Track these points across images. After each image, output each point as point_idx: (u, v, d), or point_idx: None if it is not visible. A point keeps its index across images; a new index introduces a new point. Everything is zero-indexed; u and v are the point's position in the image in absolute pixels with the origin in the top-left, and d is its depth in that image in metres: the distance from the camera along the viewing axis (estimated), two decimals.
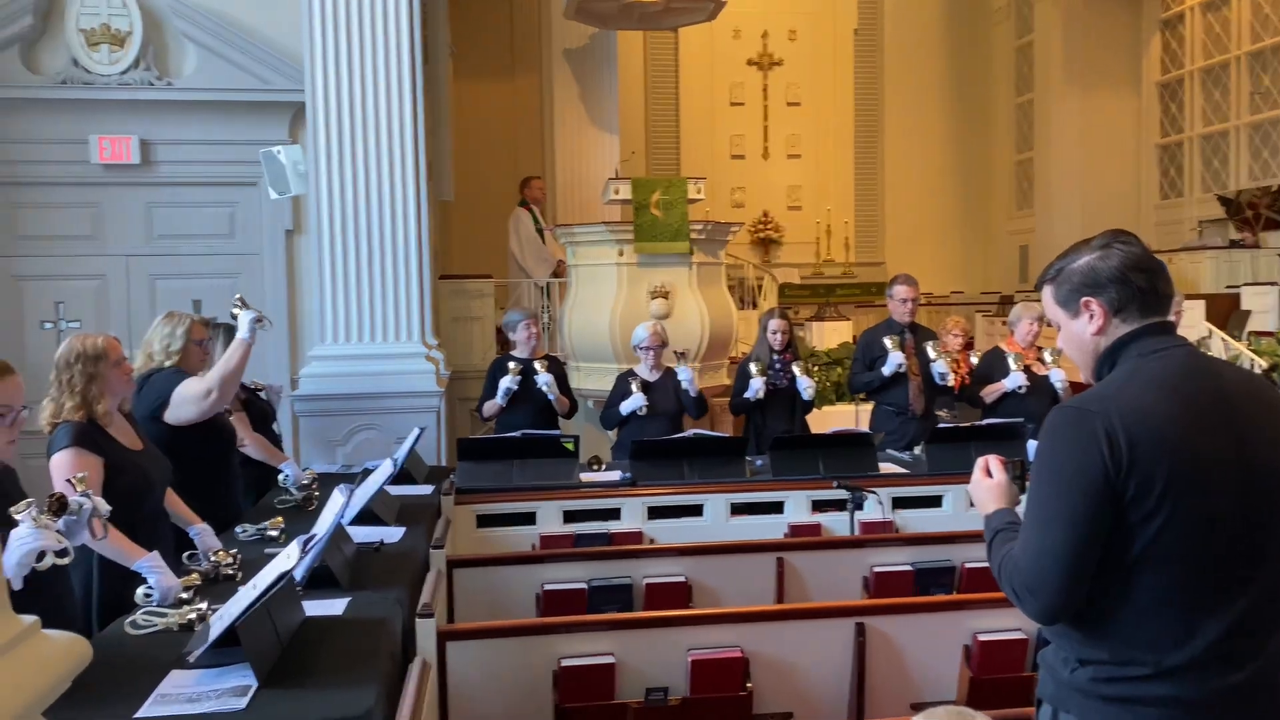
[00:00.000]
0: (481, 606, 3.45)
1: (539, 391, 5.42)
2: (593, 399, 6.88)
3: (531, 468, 4.72)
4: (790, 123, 17.35)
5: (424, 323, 6.03)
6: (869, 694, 2.96)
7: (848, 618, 2.93)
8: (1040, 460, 1.72)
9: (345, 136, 5.96)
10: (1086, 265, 1.80)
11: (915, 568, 3.72)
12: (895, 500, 4.66)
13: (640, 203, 6.72)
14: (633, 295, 6.73)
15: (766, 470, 4.91)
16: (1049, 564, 1.65)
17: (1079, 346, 1.84)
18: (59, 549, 2.22)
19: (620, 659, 2.81)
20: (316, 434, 5.69)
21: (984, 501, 1.94)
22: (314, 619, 2.65)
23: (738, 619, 2.89)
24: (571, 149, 9.76)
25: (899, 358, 5.52)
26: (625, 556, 3.62)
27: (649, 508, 4.53)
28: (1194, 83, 15.49)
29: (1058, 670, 1.77)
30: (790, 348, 5.70)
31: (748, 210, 17.01)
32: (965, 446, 4.98)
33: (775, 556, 3.69)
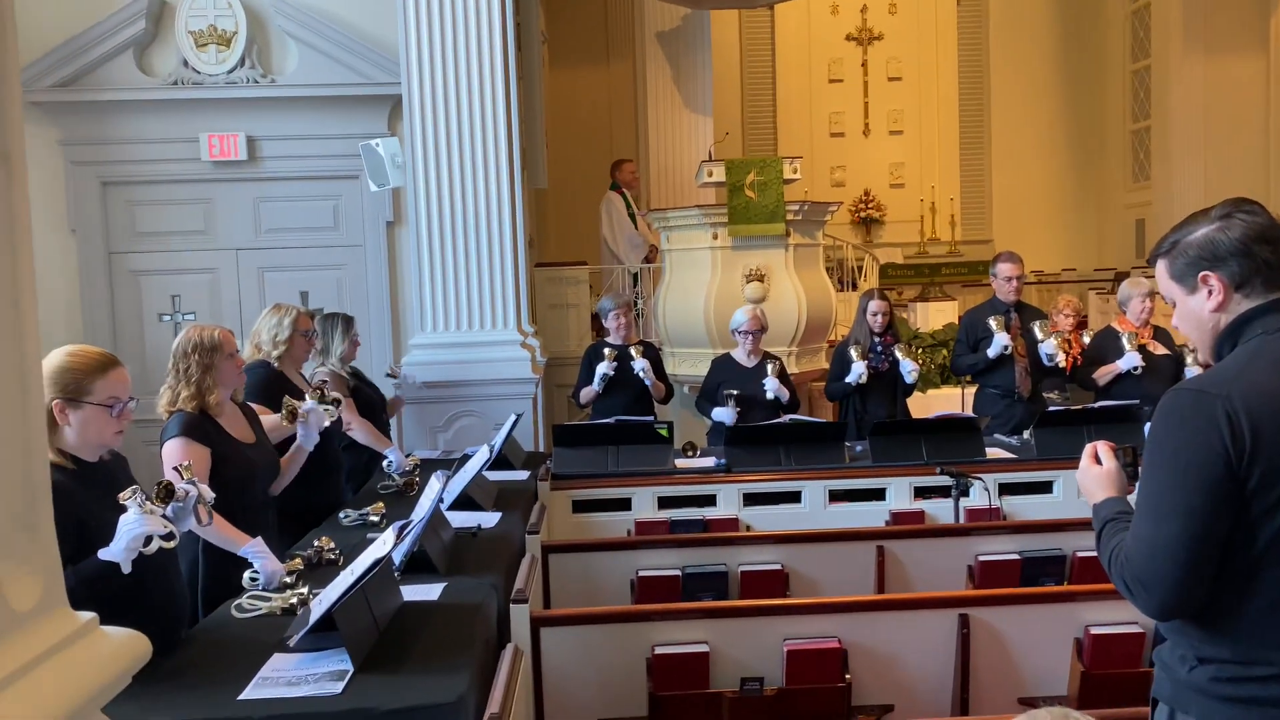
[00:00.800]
0: (576, 592, 3.46)
1: (634, 377, 5.40)
2: (688, 384, 6.84)
3: (626, 453, 4.71)
4: (892, 98, 16.92)
5: (520, 310, 6.09)
6: (974, 687, 2.86)
7: (951, 609, 2.84)
8: (1154, 446, 1.61)
9: (441, 127, 6.04)
10: (1205, 237, 1.67)
11: (1023, 556, 3.58)
12: (1002, 486, 4.50)
13: (734, 185, 6.63)
14: (727, 279, 6.66)
15: (866, 456, 4.80)
16: (1164, 558, 1.55)
17: (1196, 324, 1.72)
18: (164, 534, 2.30)
19: (714, 647, 2.77)
20: (418, 420, 5.81)
21: (1092, 490, 1.84)
22: (411, 604, 2.68)
23: (835, 609, 2.82)
24: (665, 133, 9.70)
25: (1004, 340, 5.32)
26: (721, 544, 3.59)
27: (745, 494, 4.48)
28: None
29: (1175, 669, 1.67)
30: (891, 329, 5.55)
31: (848, 189, 16.69)
32: (1077, 430, 4.79)
33: (875, 545, 3.60)
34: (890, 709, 2.87)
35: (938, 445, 4.75)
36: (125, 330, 6.48)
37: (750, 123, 16.23)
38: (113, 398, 2.46)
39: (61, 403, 2.41)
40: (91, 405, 2.44)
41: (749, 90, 16.28)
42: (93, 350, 2.55)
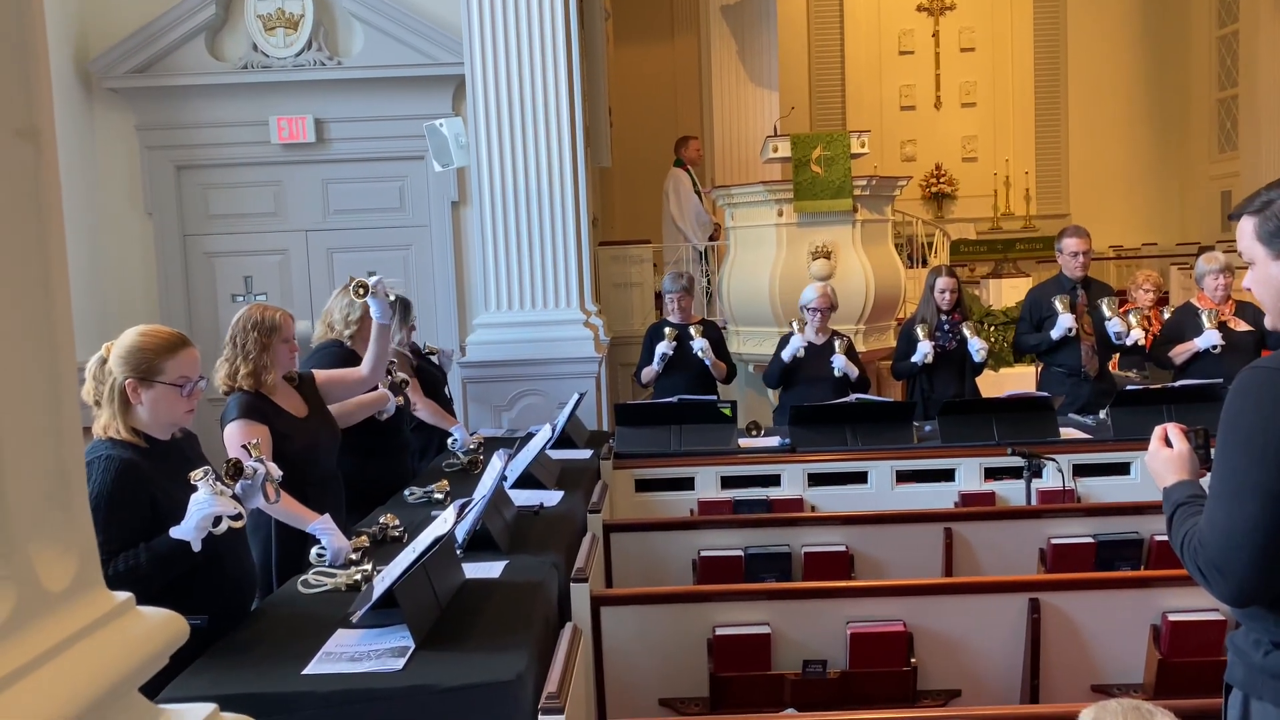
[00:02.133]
0: (638, 571, 3.45)
1: (695, 357, 5.37)
2: (753, 363, 6.78)
3: (689, 433, 4.68)
4: (964, 70, 16.51)
5: (583, 289, 6.09)
6: (1044, 674, 2.78)
7: (1021, 593, 2.76)
8: (1229, 425, 1.54)
9: (504, 107, 6.05)
10: None
11: (1097, 540, 3.48)
12: (1076, 468, 4.38)
13: (800, 160, 6.53)
14: (793, 256, 6.57)
15: (935, 436, 4.70)
16: (1241, 540, 1.48)
17: (1276, 291, 1.63)
18: (234, 514, 2.34)
19: (776, 629, 2.74)
20: (483, 399, 5.86)
21: (1162, 474, 1.77)
22: (472, 581, 2.70)
23: (900, 591, 2.77)
24: (730, 108, 9.59)
25: (1069, 321, 5.16)
26: (784, 524, 3.54)
27: (809, 474, 4.42)
28: None
29: (1249, 654, 1.61)
30: (959, 307, 5.41)
31: (919, 164, 16.36)
32: (1155, 410, 4.62)
33: (943, 527, 3.52)
34: (957, 694, 2.81)
35: (1009, 425, 4.64)
36: (199, 310, 6.64)
37: (818, 97, 15.97)
38: (183, 377, 2.51)
39: (134, 382, 2.47)
40: (163, 384, 2.49)
41: (816, 64, 16.02)
42: (164, 330, 2.60)
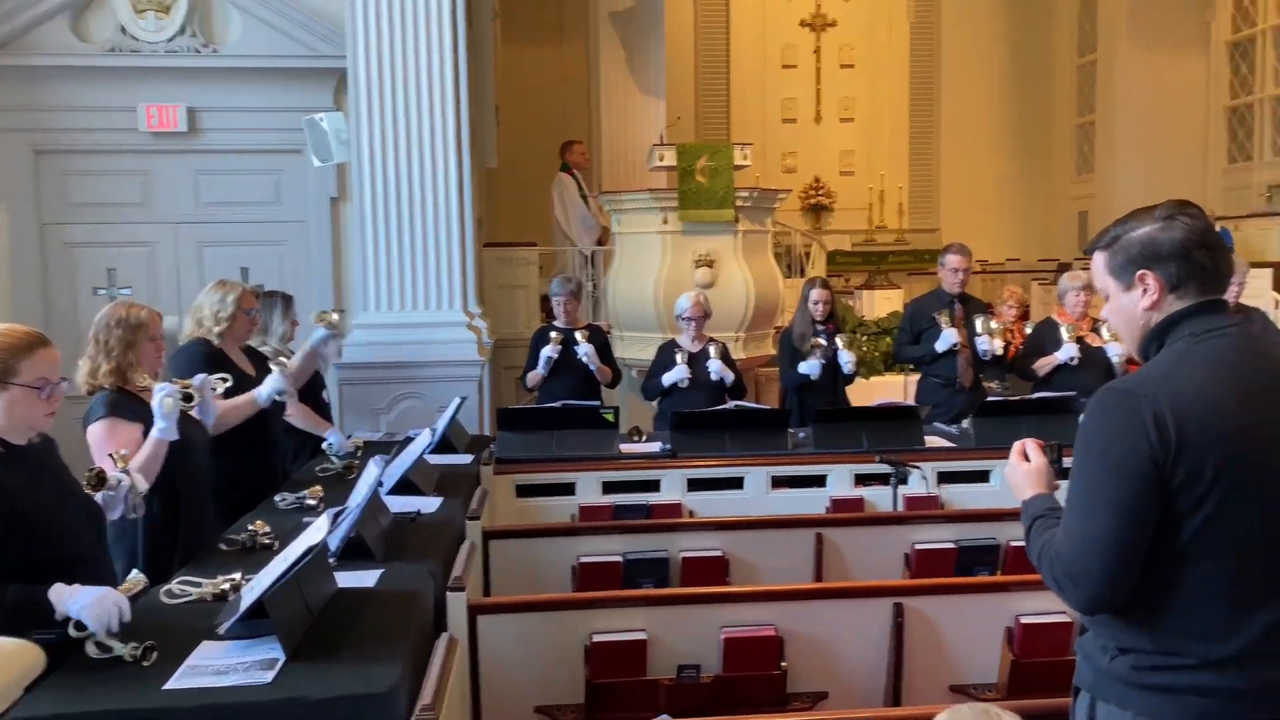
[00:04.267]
0: (517, 578, 3.45)
1: (581, 361, 5.39)
2: (636, 368, 6.83)
3: (571, 438, 4.69)
4: (844, 85, 17.00)
5: (466, 291, 6.03)
6: (906, 675, 2.90)
7: (886, 598, 2.87)
8: (1085, 443, 1.64)
9: (388, 102, 5.95)
10: (1147, 236, 1.69)
11: (958, 545, 3.64)
12: (940, 475, 4.57)
13: (685, 169, 6.62)
14: (677, 264, 6.66)
15: (808, 443, 4.84)
16: (1094, 552, 1.58)
17: (1128, 320, 1.75)
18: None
19: (653, 635, 2.78)
20: (360, 402, 5.74)
21: (1021, 486, 1.87)
22: (346, 591, 2.65)
23: (773, 597, 2.85)
24: (618, 115, 9.65)
25: (954, 336, 5.38)
26: (662, 530, 3.59)
27: (689, 479, 4.49)
28: (1266, 42, 14.87)
29: (1096, 658, 1.71)
30: (832, 318, 5.59)
31: (799, 175, 16.77)
32: (1015, 421, 4.85)
33: (814, 532, 3.63)
34: (825, 696, 2.90)
35: (878, 433, 4.80)
36: (58, 305, 6.30)
37: (703, 107, 16.20)
38: (41, 379, 2.38)
39: None
40: (18, 386, 2.36)
41: (703, 74, 16.25)
42: (20, 329, 2.46)
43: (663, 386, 5.33)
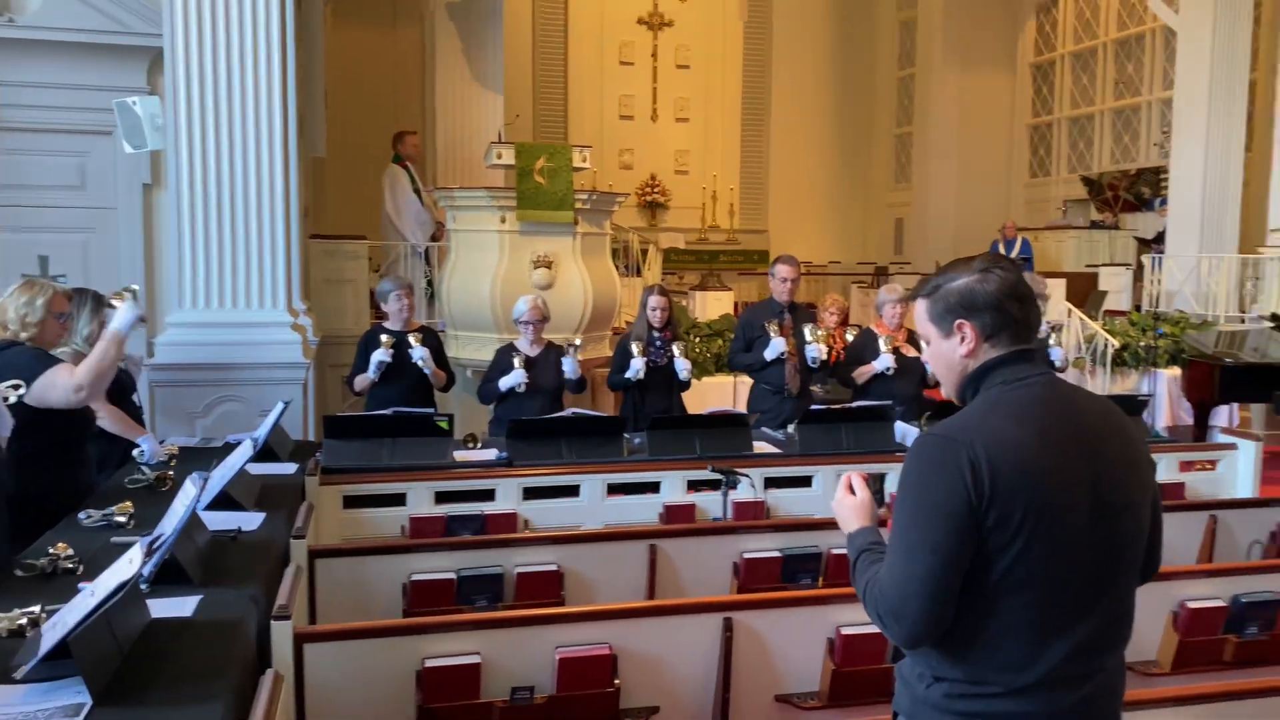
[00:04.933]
0: (345, 599, 3.34)
1: (413, 364, 5.27)
2: (471, 368, 6.75)
3: (403, 446, 4.59)
4: (679, 85, 17.28)
5: (291, 288, 5.78)
6: (735, 686, 2.98)
7: (716, 613, 2.95)
8: (906, 486, 1.73)
9: (208, 84, 5.62)
10: (965, 287, 1.80)
11: (784, 554, 3.77)
12: (767, 480, 4.72)
13: (524, 169, 6.57)
14: (514, 264, 6.61)
15: (643, 449, 4.91)
16: (914, 591, 1.67)
17: (946, 365, 1.85)
18: None
19: (487, 658, 2.75)
20: (174, 406, 5.41)
21: (847, 520, 1.95)
22: (160, 622, 2.50)
23: (607, 616, 2.87)
24: (454, 107, 9.46)
25: (781, 345, 5.58)
26: (496, 546, 3.56)
27: (525, 488, 4.47)
28: (1064, 66, 16.09)
29: (913, 685, 1.81)
30: (670, 325, 5.68)
31: (636, 173, 16.94)
32: (835, 427, 5.10)
33: (648, 544, 3.68)
34: (656, 710, 2.95)
35: (711, 440, 4.93)
36: None
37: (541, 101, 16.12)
38: None
39: None
40: None
41: (541, 68, 16.16)
42: None
43: (499, 391, 5.30)
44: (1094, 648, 1.69)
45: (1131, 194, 14.18)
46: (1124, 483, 1.72)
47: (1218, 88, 11.03)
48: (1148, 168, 14.04)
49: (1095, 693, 1.70)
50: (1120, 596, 1.73)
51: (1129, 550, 1.73)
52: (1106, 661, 1.72)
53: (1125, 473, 1.72)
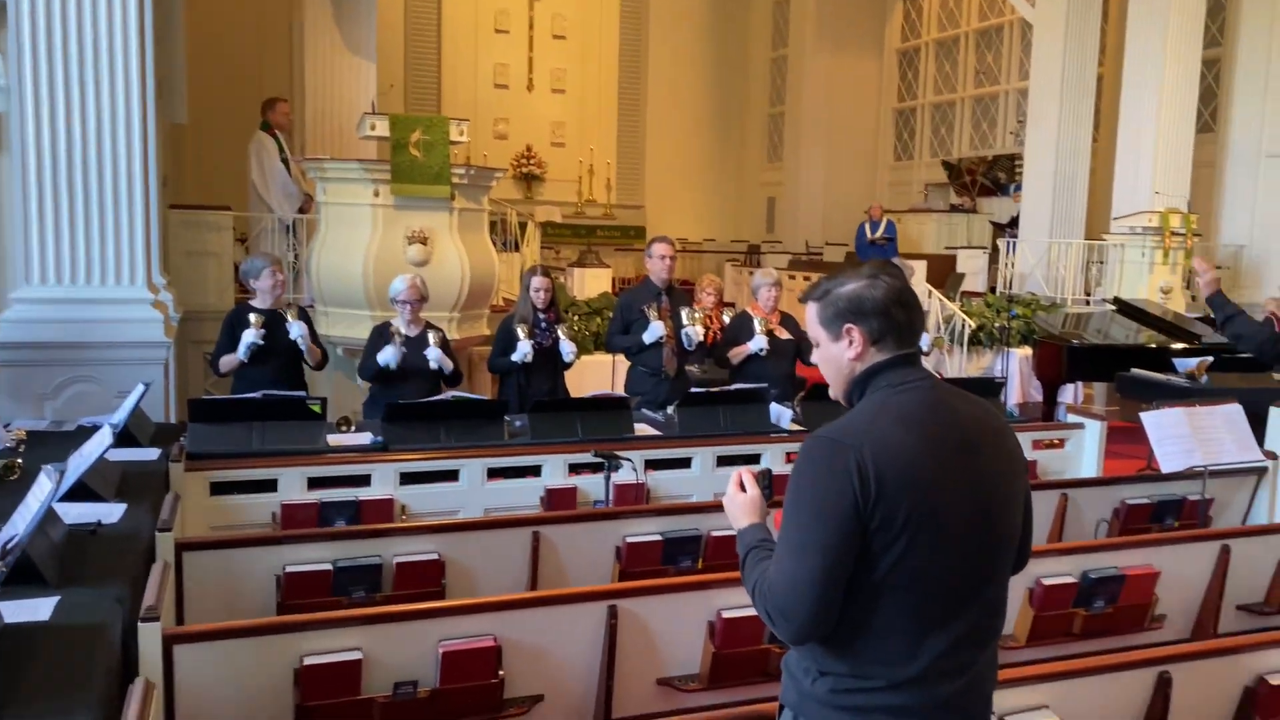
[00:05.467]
0: (214, 594, 3.21)
1: (284, 345, 5.08)
2: (342, 346, 6.56)
3: (273, 430, 4.43)
4: (556, 57, 17.12)
5: (150, 262, 5.48)
6: (618, 672, 3.02)
7: (601, 601, 2.96)
8: (797, 487, 1.77)
9: (57, 41, 5.26)
10: (854, 292, 1.84)
11: (665, 537, 3.82)
12: (648, 463, 4.76)
13: (399, 141, 6.39)
14: (388, 239, 6.43)
15: (525, 432, 4.88)
16: (803, 590, 1.71)
17: (835, 368, 1.90)
18: None
19: (368, 653, 2.70)
20: (19, 386, 5.07)
21: (737, 516, 1.98)
22: (13, 628, 2.35)
23: (492, 608, 2.85)
24: (324, 75, 9.09)
25: (660, 329, 5.63)
26: (374, 536, 3.48)
27: (402, 473, 4.37)
28: (928, 54, 16.65)
29: (800, 680, 1.86)
30: (554, 306, 5.65)
31: (511, 143, 16.74)
32: (714, 409, 5.19)
33: (531, 531, 3.67)
34: (540, 699, 2.96)
35: (592, 422, 4.94)
36: None
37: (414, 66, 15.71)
38: None
39: None
40: None
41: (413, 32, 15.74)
42: None
43: (378, 365, 5.15)
44: (971, 641, 1.78)
45: (988, 179, 14.84)
46: (1000, 484, 1.80)
47: (1069, 80, 11.62)
48: (1003, 154, 14.70)
49: (971, 683, 1.79)
50: (996, 591, 1.82)
51: (1004, 547, 1.82)
52: (982, 654, 1.81)
53: (1001, 474, 1.81)
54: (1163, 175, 10.35)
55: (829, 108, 16.81)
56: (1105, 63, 12.42)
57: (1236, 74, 11.41)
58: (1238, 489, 4.87)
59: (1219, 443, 4.52)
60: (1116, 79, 11.35)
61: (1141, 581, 3.55)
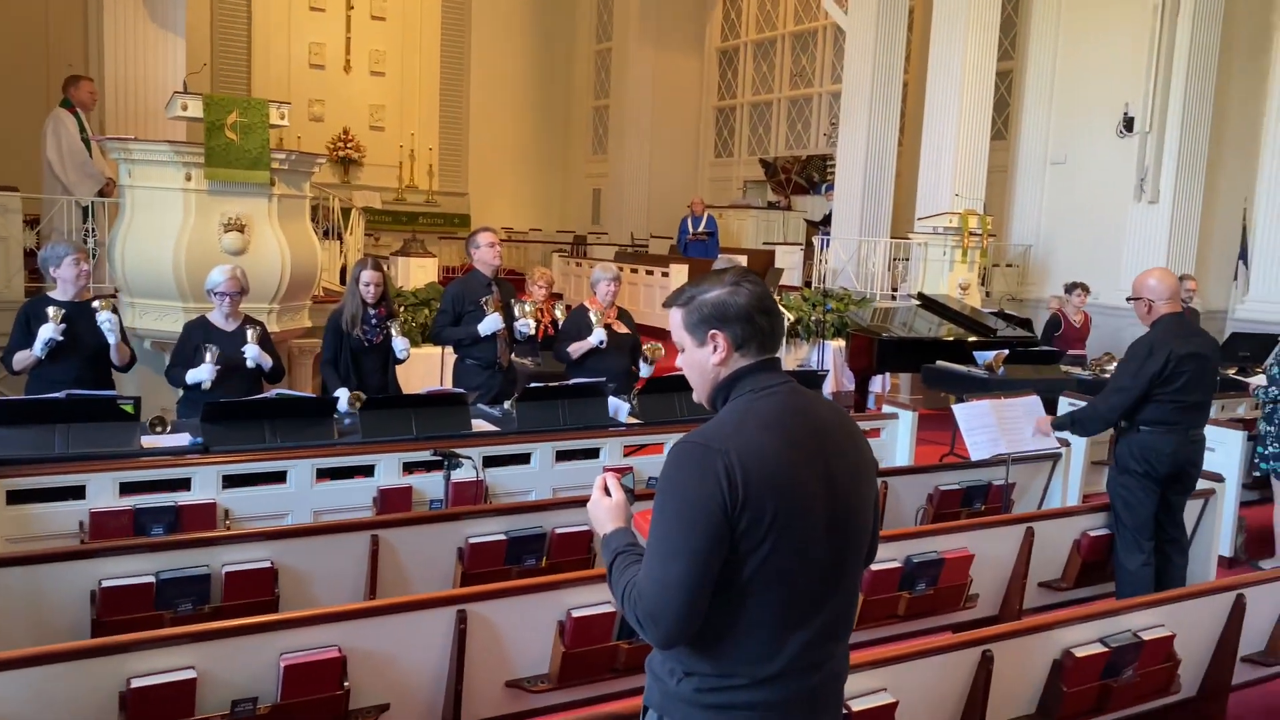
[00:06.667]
0: (19, 616, 2.95)
1: (88, 341, 4.70)
2: (150, 339, 6.15)
3: (80, 433, 4.10)
4: (374, 38, 16.61)
5: None
6: (467, 676, 2.97)
7: (449, 606, 2.91)
8: (665, 491, 1.79)
9: None
10: (718, 299, 1.87)
11: (508, 536, 3.79)
12: (486, 459, 4.70)
13: (213, 123, 6.03)
14: (202, 226, 6.07)
15: (355, 430, 4.73)
16: (672, 594, 1.73)
17: (700, 372, 1.93)
18: None
19: (203, 671, 2.55)
20: None
21: (602, 521, 1.98)
22: None
23: (336, 618, 2.74)
24: (126, 49, 8.40)
25: (498, 321, 5.55)
26: (200, 545, 3.28)
27: (225, 476, 4.15)
28: (747, 54, 17.16)
29: (664, 680, 1.88)
30: (384, 300, 5.47)
31: (327, 125, 16.13)
32: (553, 404, 5.19)
33: (370, 534, 3.56)
34: (386, 708, 2.88)
35: (427, 419, 4.84)
36: None
37: (222, 42, 14.86)
38: None
39: None
40: None
41: (221, 6, 14.86)
42: None
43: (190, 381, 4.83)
44: (828, 635, 1.85)
45: (803, 178, 15.46)
46: (855, 484, 1.88)
47: (878, 86, 12.25)
48: (817, 154, 15.36)
49: (828, 677, 1.87)
50: (851, 587, 1.91)
51: (859, 545, 1.90)
52: (837, 648, 1.89)
53: (856, 475, 1.89)
54: (962, 179, 11.07)
55: (652, 102, 17.06)
56: (910, 70, 13.17)
57: (1026, 86, 12.34)
58: (1035, 474, 5.29)
59: (1020, 431, 4.89)
60: (921, 87, 12.05)
61: (958, 564, 3.80)
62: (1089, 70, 11.58)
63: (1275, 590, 3.64)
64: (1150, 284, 4.26)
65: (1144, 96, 10.35)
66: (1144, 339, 4.26)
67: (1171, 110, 10.23)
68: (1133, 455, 4.24)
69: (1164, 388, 4.15)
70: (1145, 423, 4.22)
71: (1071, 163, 11.88)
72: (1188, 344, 4.17)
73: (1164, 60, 10.16)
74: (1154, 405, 4.19)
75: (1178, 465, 4.23)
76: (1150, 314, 4.24)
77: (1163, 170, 10.36)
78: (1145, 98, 10.33)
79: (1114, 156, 11.16)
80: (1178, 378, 4.14)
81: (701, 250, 13.45)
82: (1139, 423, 4.24)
